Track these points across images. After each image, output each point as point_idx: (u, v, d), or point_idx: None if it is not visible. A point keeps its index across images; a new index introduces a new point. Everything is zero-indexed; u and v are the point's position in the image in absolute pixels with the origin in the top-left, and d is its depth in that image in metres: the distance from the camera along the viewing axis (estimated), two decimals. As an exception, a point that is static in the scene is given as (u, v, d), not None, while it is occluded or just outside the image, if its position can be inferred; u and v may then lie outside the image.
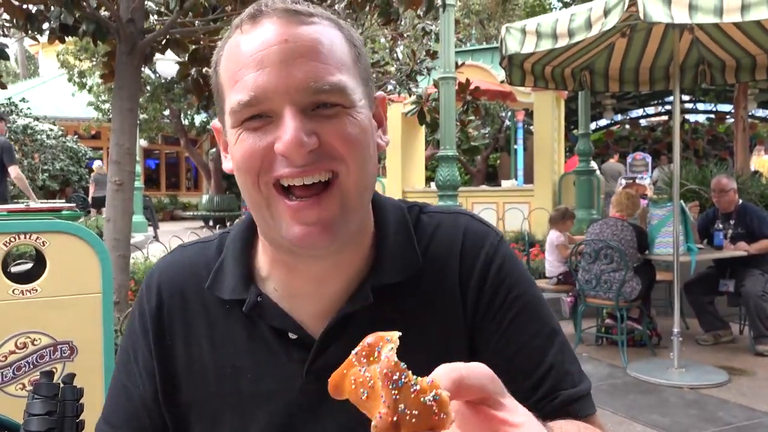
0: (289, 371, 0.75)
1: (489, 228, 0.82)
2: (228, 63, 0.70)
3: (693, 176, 7.67)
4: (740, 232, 5.13)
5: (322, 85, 0.66)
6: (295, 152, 0.65)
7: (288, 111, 0.65)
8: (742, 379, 4.28)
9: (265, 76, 0.66)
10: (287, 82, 0.65)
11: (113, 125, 3.61)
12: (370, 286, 0.74)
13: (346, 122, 0.68)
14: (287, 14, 0.68)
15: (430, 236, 0.80)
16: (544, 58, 5.32)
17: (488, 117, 15.05)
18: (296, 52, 0.66)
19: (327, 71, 0.67)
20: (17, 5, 3.51)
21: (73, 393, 0.76)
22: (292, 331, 0.75)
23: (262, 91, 0.66)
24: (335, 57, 0.68)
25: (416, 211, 0.83)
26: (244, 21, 0.70)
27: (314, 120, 0.66)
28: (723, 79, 5.72)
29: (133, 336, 0.83)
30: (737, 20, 3.50)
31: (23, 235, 2.02)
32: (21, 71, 28.45)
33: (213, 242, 0.86)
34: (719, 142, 17.88)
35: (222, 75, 0.71)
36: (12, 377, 1.96)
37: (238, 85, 0.67)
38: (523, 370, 0.75)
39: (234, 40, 0.70)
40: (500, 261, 0.79)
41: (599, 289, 4.82)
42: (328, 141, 0.66)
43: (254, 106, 0.66)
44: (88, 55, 14.23)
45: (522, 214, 9.83)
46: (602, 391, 4.09)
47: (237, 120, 0.68)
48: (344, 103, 0.68)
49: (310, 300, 0.76)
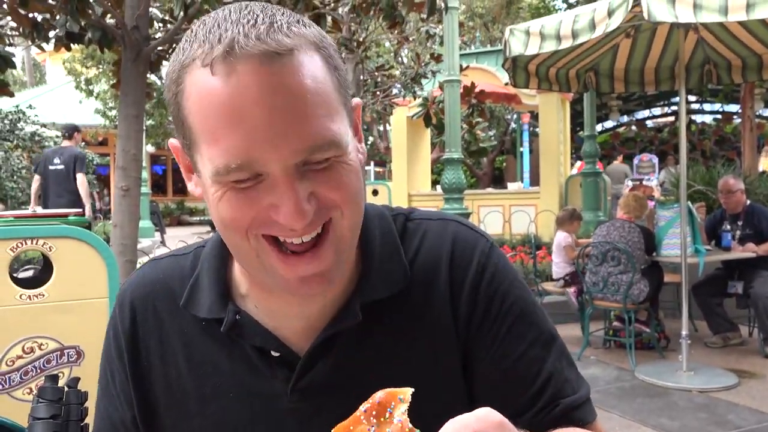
0: (273, 390, 0.73)
1: (479, 235, 0.79)
2: (200, 108, 0.61)
3: (700, 177, 7.63)
4: (748, 233, 5.10)
5: (317, 144, 0.60)
6: (297, 224, 0.60)
7: (282, 178, 0.60)
8: (752, 381, 4.25)
9: (254, 138, 0.59)
10: (280, 143, 0.59)
11: (119, 131, 3.63)
12: (358, 304, 0.71)
13: (340, 171, 0.63)
14: (267, 58, 0.58)
15: (418, 245, 0.77)
16: (548, 59, 5.31)
17: (494, 120, 15.04)
18: (286, 108, 0.59)
19: (320, 126, 0.60)
20: (23, 14, 3.53)
21: (77, 397, 0.76)
22: (275, 349, 0.72)
23: (252, 155, 0.59)
24: (324, 97, 0.62)
25: (402, 219, 0.80)
26: (214, 62, 0.59)
27: (308, 177, 0.61)
28: (729, 78, 5.70)
29: (109, 358, 0.80)
30: (742, 19, 3.49)
31: (30, 240, 2.03)
32: (28, 79, 28.67)
33: (188, 255, 0.81)
34: (726, 143, 17.79)
35: (191, 116, 0.62)
36: (19, 382, 1.97)
37: (222, 146, 0.59)
38: (522, 381, 0.73)
39: (203, 80, 0.60)
40: (492, 269, 0.76)
41: (606, 292, 4.79)
42: (324, 195, 0.62)
43: (243, 170, 0.60)
44: (95, 62, 14.34)
45: (528, 216, 9.81)
46: (610, 394, 4.06)
47: (222, 181, 0.61)
48: (336, 155, 0.63)
49: (293, 318, 0.73)
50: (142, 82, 3.69)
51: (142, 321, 0.78)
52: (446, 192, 5.96)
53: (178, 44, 0.66)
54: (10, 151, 12.31)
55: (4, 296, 2.00)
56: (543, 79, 5.53)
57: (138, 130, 3.67)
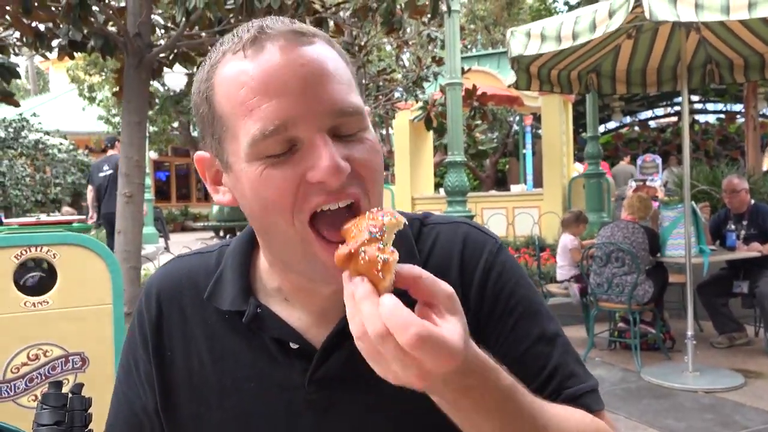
0: (291, 381, 0.75)
1: (488, 236, 0.83)
2: (231, 90, 0.65)
3: (704, 177, 7.62)
4: (753, 232, 5.08)
5: (345, 107, 0.65)
6: (334, 178, 0.63)
7: (318, 137, 0.63)
8: (759, 381, 4.23)
9: (288, 103, 0.63)
10: (313, 106, 0.63)
11: (122, 138, 3.65)
12: None
13: (367, 147, 0.68)
14: (293, 36, 0.65)
15: (430, 247, 0.81)
16: (550, 61, 5.31)
17: (496, 122, 15.05)
18: (315, 75, 0.64)
19: (345, 92, 0.66)
20: (26, 23, 3.56)
21: (81, 403, 0.76)
22: (293, 341, 0.75)
23: (287, 119, 0.63)
24: (345, 77, 0.68)
25: (417, 224, 0.84)
26: (245, 45, 0.65)
27: (340, 146, 0.65)
28: (732, 78, 5.69)
29: (132, 346, 0.83)
30: (744, 17, 3.48)
31: (34, 247, 2.04)
32: (32, 87, 28.81)
33: (212, 253, 0.85)
34: (730, 142, 17.74)
35: (222, 103, 0.67)
36: (24, 389, 1.98)
37: (256, 115, 0.63)
38: (528, 374, 0.75)
39: (234, 66, 0.66)
40: (500, 268, 0.79)
41: (611, 293, 4.78)
42: (356, 168, 0.66)
43: (280, 134, 0.63)
44: (98, 69, 14.40)
45: (532, 218, 9.80)
46: (616, 395, 4.05)
47: (258, 153, 0.64)
48: (362, 126, 0.68)
49: (313, 311, 0.76)
50: (145, 89, 3.71)
51: (168, 313, 0.81)
52: (449, 195, 5.97)
53: (204, 58, 0.72)
54: (14, 159, 12.37)
55: (8, 303, 2.00)
56: (545, 81, 5.53)
57: (141, 137, 3.69)
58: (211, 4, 3.29)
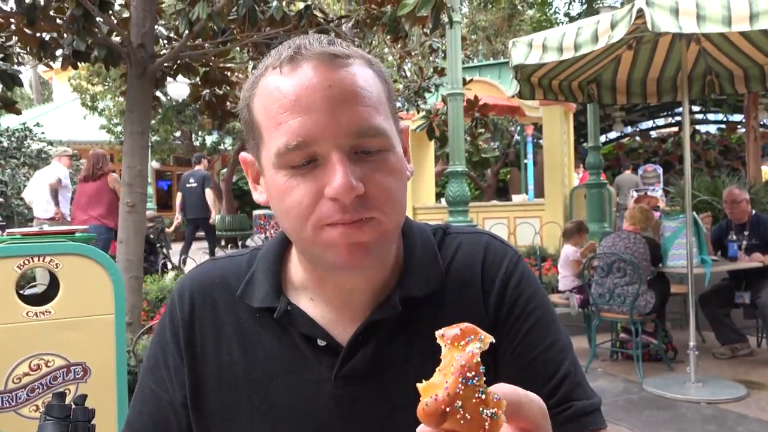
0: (318, 377, 0.78)
1: (508, 246, 0.88)
2: (267, 103, 0.72)
3: (705, 187, 7.62)
4: (754, 243, 5.08)
5: (365, 128, 0.70)
6: (345, 196, 0.67)
7: (335, 155, 0.68)
8: (761, 392, 4.21)
9: (311, 121, 0.68)
10: (333, 127, 0.68)
11: (125, 148, 3.66)
12: (398, 297, 0.79)
13: (387, 168, 0.72)
14: (327, 58, 0.70)
15: (453, 253, 0.85)
16: (551, 71, 5.33)
17: (497, 132, 15.08)
18: (340, 97, 0.69)
19: (369, 114, 0.70)
20: (30, 33, 3.58)
21: (84, 414, 0.77)
22: (321, 338, 0.78)
23: (308, 136, 0.68)
24: (373, 99, 0.72)
25: (441, 232, 0.89)
26: (283, 63, 0.71)
27: (359, 165, 0.70)
28: (732, 88, 5.70)
29: (162, 342, 0.86)
30: (746, 29, 3.50)
31: (37, 257, 2.04)
32: (35, 97, 28.93)
33: (243, 257, 0.89)
34: (731, 152, 17.75)
35: (259, 113, 0.74)
36: (26, 399, 1.97)
37: (283, 129, 0.69)
38: (540, 378, 0.78)
39: (272, 80, 0.72)
40: (519, 276, 0.83)
41: (613, 303, 4.77)
42: (371, 192, 0.70)
43: (302, 150, 0.69)
44: (101, 79, 14.46)
45: (533, 228, 9.79)
46: (618, 406, 4.03)
47: (283, 163, 0.71)
48: (384, 146, 0.72)
49: (340, 309, 0.80)
50: (148, 99, 3.73)
51: (200, 311, 0.85)
52: (451, 205, 5.97)
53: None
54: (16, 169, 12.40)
55: (10, 313, 2.01)
56: (547, 90, 5.56)
57: (143, 147, 3.70)
58: (213, 16, 3.32)
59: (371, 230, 0.71)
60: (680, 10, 3.49)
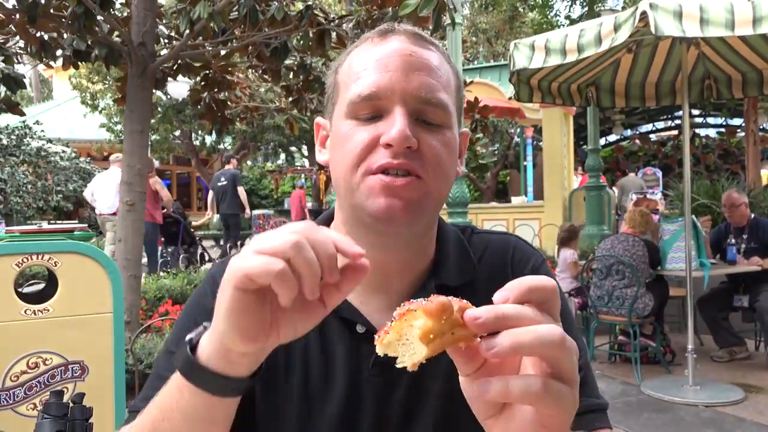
0: (356, 364, 0.80)
1: (534, 249, 0.94)
2: (353, 64, 0.80)
3: (704, 191, 7.62)
4: (753, 246, 5.08)
5: (431, 97, 0.76)
6: (399, 143, 0.73)
7: (398, 109, 0.74)
8: (759, 396, 4.21)
9: (386, 77, 0.75)
10: (404, 86, 0.75)
11: (124, 147, 3.66)
12: (433, 284, 0.82)
13: (441, 140, 0.77)
14: (414, 36, 0.79)
15: (483, 251, 0.90)
16: (550, 74, 5.34)
17: (497, 134, 15.07)
18: (415, 65, 0.77)
19: (436, 88, 0.77)
20: (31, 33, 3.58)
21: (82, 412, 0.76)
22: (361, 324, 0.80)
23: (381, 89, 0.75)
24: (444, 79, 0.79)
25: (469, 232, 0.94)
26: (375, 35, 0.81)
27: (418, 128, 0.76)
28: (730, 93, 5.70)
29: (203, 311, 0.81)
30: (749, 33, 3.49)
31: (35, 255, 2.04)
32: (35, 95, 28.92)
33: None
34: (731, 156, 17.75)
35: (342, 74, 0.81)
36: (23, 397, 1.97)
37: (360, 81, 0.77)
38: None
39: (362, 48, 0.81)
40: (544, 272, 0.88)
41: (611, 306, 4.77)
42: (423, 150, 0.75)
43: (371, 100, 0.75)
44: (101, 77, 14.46)
45: (532, 230, 9.79)
46: (616, 409, 4.03)
47: (352, 111, 0.77)
48: (443, 121, 0.78)
49: (378, 293, 0.82)
50: (148, 99, 3.73)
51: None
52: (450, 206, 5.97)
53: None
54: (16, 167, 12.38)
55: (9, 311, 2.00)
56: (546, 93, 5.56)
57: (143, 146, 3.70)
58: (214, 15, 3.32)
59: (414, 189, 0.74)
60: (684, 14, 3.49)
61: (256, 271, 0.51)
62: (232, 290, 0.53)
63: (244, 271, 0.52)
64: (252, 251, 0.53)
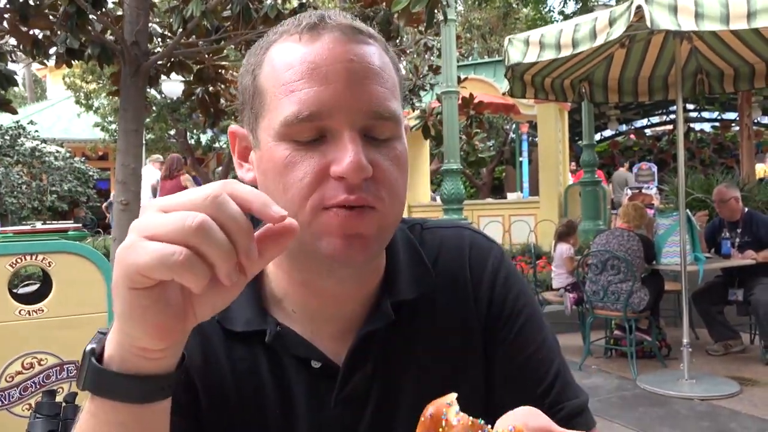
0: (317, 402, 0.72)
1: (491, 242, 0.85)
2: (279, 69, 0.66)
3: (698, 185, 7.65)
4: (747, 240, 5.10)
5: (381, 111, 0.65)
6: (355, 176, 0.62)
7: (348, 134, 0.63)
8: (754, 389, 4.23)
9: (329, 93, 0.63)
10: (350, 102, 0.63)
11: (118, 146, 3.65)
12: (389, 303, 0.73)
13: (394, 158, 0.67)
14: (351, 31, 0.66)
15: (437, 251, 0.81)
16: (544, 69, 5.34)
17: (492, 130, 15.08)
18: (360, 73, 0.64)
19: (385, 97, 0.66)
20: (24, 31, 3.56)
21: (74, 412, 0.76)
22: (316, 359, 0.72)
23: (323, 108, 0.63)
24: (391, 83, 0.68)
25: (418, 229, 0.84)
26: (303, 30, 0.66)
27: (368, 148, 0.64)
28: (721, 88, 5.73)
29: None
30: (743, 27, 3.51)
31: (29, 255, 2.04)
32: (29, 95, 28.80)
33: None
34: (725, 150, 17.81)
35: (266, 79, 0.67)
36: (18, 398, 1.97)
37: (295, 96, 0.63)
38: (534, 377, 0.77)
39: (288, 47, 0.66)
40: (506, 272, 0.81)
41: (607, 300, 4.79)
42: (378, 177, 0.65)
43: (312, 122, 0.63)
44: (95, 77, 14.40)
45: (528, 226, 9.80)
46: (612, 403, 4.05)
47: (288, 134, 0.64)
48: (394, 133, 0.67)
49: (329, 322, 0.74)
50: (142, 98, 3.72)
51: None
52: (446, 203, 5.97)
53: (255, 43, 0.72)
54: (10, 167, 12.34)
55: (3, 312, 2.00)
56: (539, 89, 5.56)
57: (137, 145, 3.69)
58: (207, 13, 3.31)
59: (372, 222, 0.65)
60: (679, 8, 3.49)
61: (149, 265, 0.43)
62: (126, 292, 0.46)
63: (135, 268, 0.44)
64: (141, 236, 0.45)
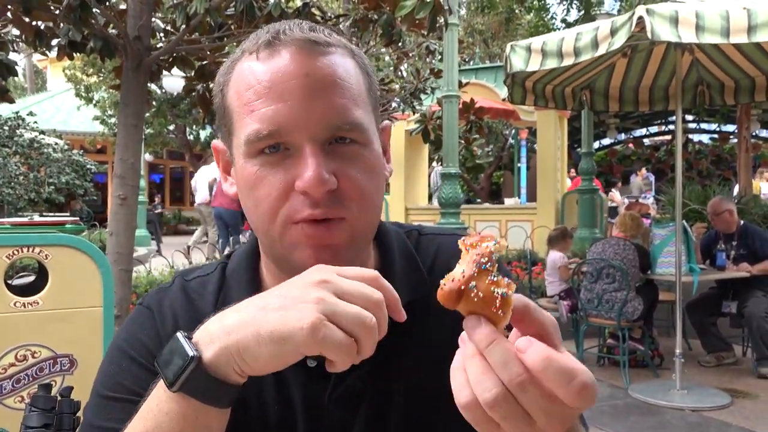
0: (312, 402, 0.73)
1: None
2: (241, 88, 0.68)
3: (695, 196, 7.67)
4: (742, 252, 5.12)
5: (341, 123, 0.66)
6: (316, 190, 0.64)
7: (308, 147, 0.65)
8: (745, 401, 4.25)
9: (286, 110, 0.65)
10: (308, 117, 0.65)
11: (118, 141, 3.64)
12: None
13: (361, 165, 0.68)
14: (306, 45, 0.67)
15: (433, 257, 0.82)
16: (545, 77, 5.35)
17: (492, 135, 15.10)
18: (316, 87, 0.66)
19: (346, 107, 0.67)
20: (26, 22, 3.56)
21: (70, 406, 0.77)
22: (311, 359, 0.72)
23: (282, 125, 0.65)
24: (352, 90, 0.68)
25: (415, 234, 0.85)
26: (260, 47, 0.68)
27: (332, 157, 0.66)
28: (722, 100, 5.75)
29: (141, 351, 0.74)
30: (743, 41, 3.52)
31: (26, 248, 2.03)
32: (29, 86, 28.74)
33: (212, 275, 0.81)
34: (723, 162, 17.89)
35: (232, 99, 0.70)
36: (11, 390, 1.97)
37: (255, 116, 0.66)
38: None
39: (247, 65, 0.69)
40: None
41: (601, 309, 4.80)
42: (344, 187, 0.67)
43: (273, 138, 0.66)
44: (96, 70, 14.39)
45: (525, 232, 9.82)
46: (603, 412, 4.06)
47: (253, 151, 0.67)
48: (360, 140, 0.68)
49: None
50: (143, 93, 3.71)
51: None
52: (443, 207, 5.98)
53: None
54: (8, 158, 12.30)
55: (-2, 303, 2.00)
56: (540, 96, 5.57)
57: (137, 140, 3.68)
58: (211, 11, 3.31)
59: (341, 232, 0.67)
60: (680, 20, 3.51)
61: (329, 347, 0.53)
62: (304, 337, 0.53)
63: (321, 342, 0.53)
64: (325, 317, 0.53)
